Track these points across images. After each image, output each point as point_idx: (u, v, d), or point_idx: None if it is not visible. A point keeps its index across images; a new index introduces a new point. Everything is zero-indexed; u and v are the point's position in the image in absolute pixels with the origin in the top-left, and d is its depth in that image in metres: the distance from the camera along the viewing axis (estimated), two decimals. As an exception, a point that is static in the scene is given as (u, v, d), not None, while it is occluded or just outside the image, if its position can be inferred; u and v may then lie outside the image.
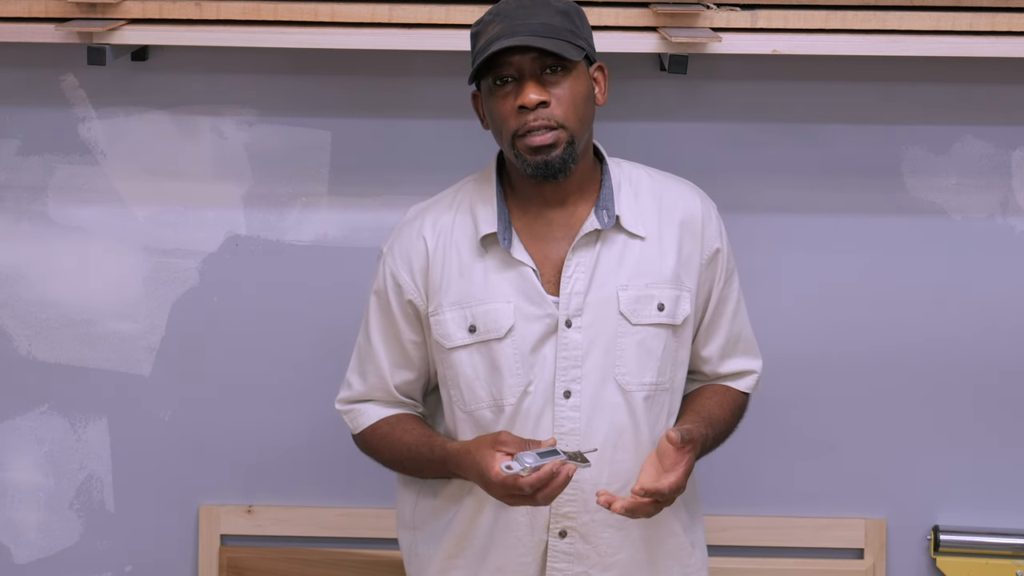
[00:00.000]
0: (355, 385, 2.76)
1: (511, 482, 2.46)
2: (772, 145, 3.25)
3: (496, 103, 2.59)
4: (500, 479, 2.46)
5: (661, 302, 2.64)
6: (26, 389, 3.33)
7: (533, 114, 2.55)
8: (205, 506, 3.35)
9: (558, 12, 2.59)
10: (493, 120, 2.61)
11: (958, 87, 3.22)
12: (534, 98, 2.54)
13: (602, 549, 2.66)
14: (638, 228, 2.65)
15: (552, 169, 2.57)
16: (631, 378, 2.62)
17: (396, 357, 2.71)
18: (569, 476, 2.47)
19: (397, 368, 2.71)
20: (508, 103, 2.57)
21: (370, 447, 2.75)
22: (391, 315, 2.70)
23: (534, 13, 2.57)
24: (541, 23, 2.56)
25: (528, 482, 2.45)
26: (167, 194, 3.27)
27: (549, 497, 2.47)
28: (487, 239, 2.64)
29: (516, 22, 2.56)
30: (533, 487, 2.45)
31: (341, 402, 2.78)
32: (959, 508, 3.34)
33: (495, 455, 2.49)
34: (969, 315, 3.29)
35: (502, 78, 2.57)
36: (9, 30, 3.00)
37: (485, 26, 2.60)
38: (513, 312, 2.62)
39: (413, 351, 2.70)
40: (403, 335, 2.70)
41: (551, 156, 2.56)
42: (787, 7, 3.00)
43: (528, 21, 2.56)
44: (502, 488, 2.48)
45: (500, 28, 2.56)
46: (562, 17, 2.59)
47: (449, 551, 2.71)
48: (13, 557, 3.38)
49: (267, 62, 3.21)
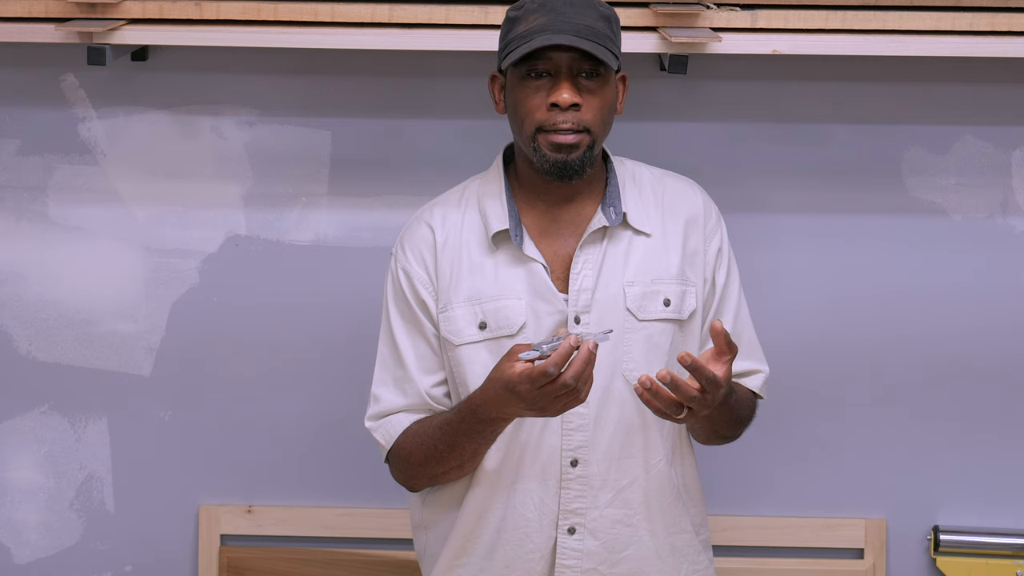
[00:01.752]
0: (384, 398, 2.70)
1: (536, 373, 2.38)
2: (772, 145, 3.25)
3: (525, 94, 2.58)
4: (523, 373, 2.39)
5: (667, 298, 2.65)
6: (26, 389, 3.33)
7: (563, 115, 2.55)
8: (205, 506, 3.35)
9: (601, 17, 2.59)
10: (516, 109, 2.60)
11: (958, 87, 3.22)
12: (568, 98, 2.54)
13: (611, 546, 2.66)
14: (644, 225, 2.67)
15: (570, 170, 2.58)
16: (638, 373, 2.61)
17: (423, 360, 2.68)
18: (591, 350, 2.37)
19: (426, 373, 2.68)
20: (539, 96, 2.56)
21: (404, 452, 2.67)
22: (411, 310, 2.68)
23: (580, 13, 2.57)
24: (586, 25, 2.56)
25: (552, 362, 2.36)
26: (167, 194, 3.27)
27: (578, 377, 2.37)
28: (498, 236, 2.65)
29: (562, 18, 2.55)
30: (558, 367, 2.37)
31: (371, 419, 2.71)
32: (959, 508, 3.34)
33: (512, 362, 2.43)
34: (969, 315, 3.29)
35: (538, 71, 2.57)
36: (9, 30, 3.00)
37: (527, 13, 2.59)
38: (525, 309, 2.62)
39: (438, 346, 2.68)
40: (425, 328, 2.67)
41: (571, 157, 2.57)
42: (787, 7, 3.00)
43: (574, 20, 2.55)
44: (528, 383, 2.39)
45: (545, 21, 2.55)
46: (604, 23, 2.59)
47: (457, 549, 2.70)
48: (13, 557, 3.38)
49: (267, 62, 3.21)
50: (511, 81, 2.61)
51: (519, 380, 2.41)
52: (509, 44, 2.59)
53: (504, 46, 2.61)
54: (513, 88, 2.60)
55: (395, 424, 2.68)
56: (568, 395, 2.40)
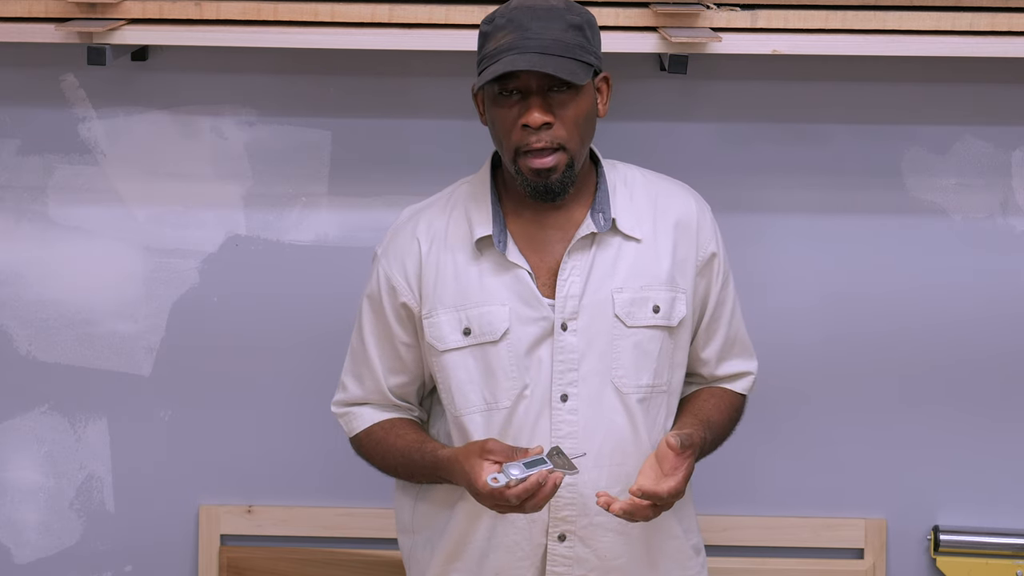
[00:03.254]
0: (350, 388, 2.75)
1: (498, 494, 2.46)
2: (772, 145, 3.25)
3: (499, 113, 2.56)
4: (487, 491, 2.47)
5: (656, 304, 2.64)
6: (26, 389, 3.33)
7: (536, 135, 2.53)
8: (205, 506, 3.35)
9: (571, 26, 2.55)
10: (494, 127, 2.59)
11: (958, 87, 3.22)
12: (538, 118, 2.52)
13: (602, 553, 2.65)
14: (634, 230, 2.64)
15: (551, 192, 2.57)
16: (628, 380, 2.62)
17: (390, 361, 2.71)
18: (556, 485, 2.47)
19: (391, 372, 2.71)
20: (511, 115, 2.55)
21: (365, 451, 2.75)
22: (384, 318, 2.69)
23: (547, 26, 2.53)
24: (553, 39, 2.52)
25: (514, 493, 2.45)
26: (167, 194, 3.27)
27: (537, 507, 2.48)
28: (482, 242, 2.64)
29: (528, 36, 2.52)
30: (519, 498, 2.45)
31: (337, 404, 2.78)
32: (959, 508, 3.35)
33: (483, 465, 2.49)
34: (969, 315, 3.29)
35: (508, 91, 2.54)
36: (9, 30, 3.00)
37: (496, 31, 2.56)
38: (508, 315, 2.61)
39: (406, 354, 2.70)
40: (396, 338, 2.69)
41: (550, 180, 2.56)
42: (787, 7, 3.00)
43: (541, 36, 2.52)
44: (490, 499, 2.49)
45: (511, 39, 2.53)
46: (574, 32, 2.55)
47: (447, 555, 2.70)
48: (13, 557, 3.38)
49: (267, 62, 3.21)
50: (487, 98, 2.59)
51: (481, 490, 2.49)
52: (482, 62, 2.58)
53: (479, 62, 2.60)
54: (490, 105, 2.58)
55: (359, 417, 2.74)
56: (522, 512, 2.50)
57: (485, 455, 2.50)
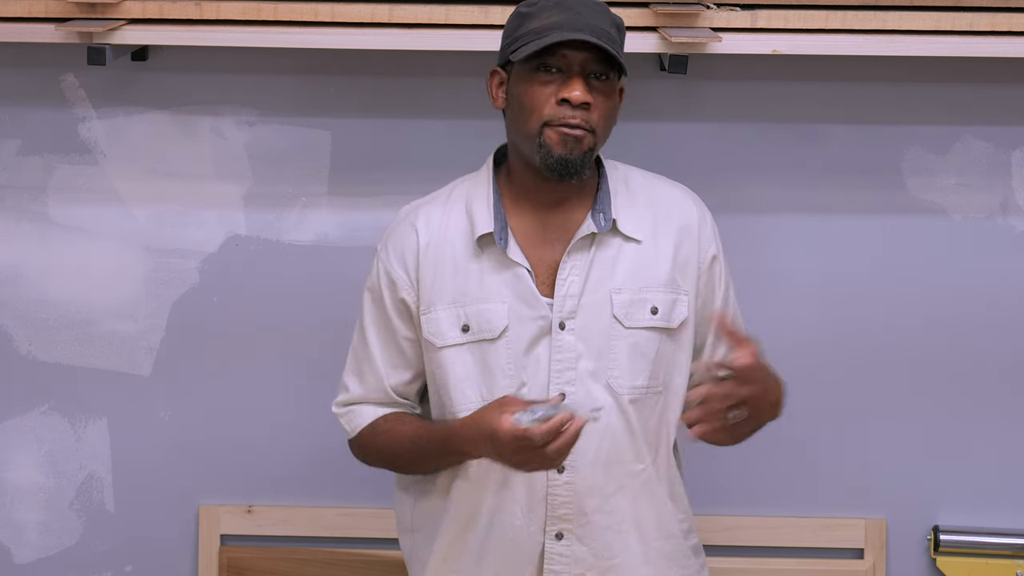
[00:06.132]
0: (352, 388, 2.74)
1: (521, 434, 2.42)
2: (772, 145, 3.25)
3: (534, 88, 2.56)
4: (510, 432, 2.42)
5: (655, 305, 2.63)
6: (26, 389, 3.33)
7: (573, 111, 2.54)
8: (205, 506, 3.35)
9: (614, 24, 2.59)
10: (521, 103, 2.58)
11: (958, 87, 3.22)
12: (580, 95, 2.53)
13: (599, 552, 2.65)
14: (634, 231, 2.64)
15: (571, 167, 2.56)
16: (623, 381, 2.62)
17: (392, 357, 2.70)
18: (579, 430, 2.42)
19: (393, 369, 2.70)
20: (548, 91, 2.55)
21: (367, 446, 2.73)
22: (385, 312, 2.69)
23: (596, 15, 2.56)
24: (602, 28, 2.55)
25: (540, 431, 2.40)
26: (167, 194, 3.27)
27: (560, 452, 2.43)
28: (483, 239, 2.64)
29: (579, 17, 2.54)
30: (544, 438, 2.41)
31: (338, 405, 2.76)
32: (959, 508, 3.34)
33: (502, 415, 2.46)
34: (969, 315, 3.29)
35: (548, 67, 2.55)
36: (9, 30, 3.00)
37: (541, 10, 2.57)
38: (508, 313, 2.61)
39: (409, 349, 2.69)
40: (398, 332, 2.69)
41: (573, 153, 2.55)
42: (787, 7, 3.00)
43: (590, 21, 2.54)
44: (513, 442, 2.43)
45: (560, 19, 2.54)
46: (616, 31, 2.59)
47: (445, 554, 2.70)
48: (13, 557, 3.38)
49: (267, 62, 3.21)
50: (518, 76, 2.59)
51: (504, 436, 2.44)
52: (520, 39, 2.57)
53: (512, 41, 2.59)
54: (519, 83, 2.58)
55: (360, 414, 2.72)
56: (544, 462, 2.45)
57: (504, 408, 2.47)
